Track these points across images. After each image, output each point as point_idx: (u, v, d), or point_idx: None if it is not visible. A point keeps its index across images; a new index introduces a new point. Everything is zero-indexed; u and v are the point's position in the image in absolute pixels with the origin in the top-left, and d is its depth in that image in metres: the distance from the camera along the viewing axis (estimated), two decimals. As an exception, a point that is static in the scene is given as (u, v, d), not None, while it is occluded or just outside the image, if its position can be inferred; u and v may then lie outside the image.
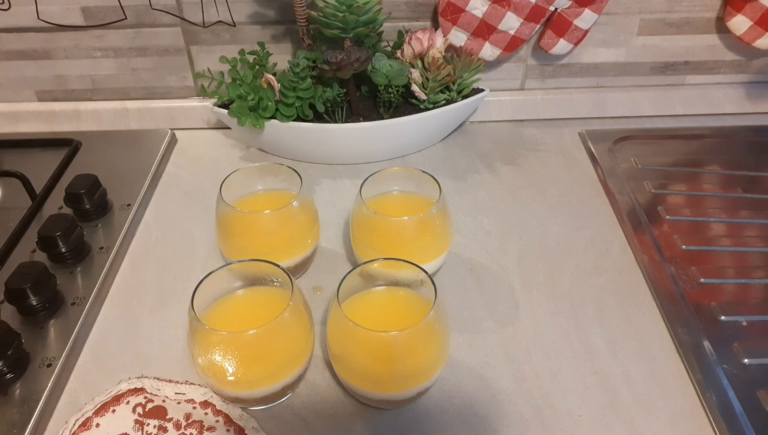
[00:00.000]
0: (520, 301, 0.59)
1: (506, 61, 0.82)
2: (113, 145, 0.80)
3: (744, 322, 0.56)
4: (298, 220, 0.58)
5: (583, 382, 0.52)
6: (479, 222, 0.68)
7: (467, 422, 0.49)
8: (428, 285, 0.47)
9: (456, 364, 0.53)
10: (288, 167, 0.60)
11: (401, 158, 0.79)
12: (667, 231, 0.66)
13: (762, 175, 0.75)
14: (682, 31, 0.80)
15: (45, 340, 0.54)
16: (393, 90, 0.71)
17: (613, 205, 0.70)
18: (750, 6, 0.74)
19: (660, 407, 0.50)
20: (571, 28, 0.75)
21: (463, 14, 0.74)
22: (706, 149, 0.81)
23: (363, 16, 0.66)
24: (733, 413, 0.48)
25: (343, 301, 0.49)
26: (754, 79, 0.85)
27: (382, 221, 0.55)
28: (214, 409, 0.49)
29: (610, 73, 0.84)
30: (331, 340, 0.48)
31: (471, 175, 0.76)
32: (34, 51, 0.80)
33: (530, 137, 0.82)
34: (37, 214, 0.68)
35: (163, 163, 0.78)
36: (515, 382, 0.52)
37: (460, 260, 0.63)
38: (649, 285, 0.60)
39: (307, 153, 0.77)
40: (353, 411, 0.50)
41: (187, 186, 0.75)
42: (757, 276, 0.62)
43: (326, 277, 0.62)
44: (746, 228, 0.68)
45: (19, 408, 0.49)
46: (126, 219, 0.67)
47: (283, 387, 0.48)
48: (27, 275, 0.55)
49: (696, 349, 0.53)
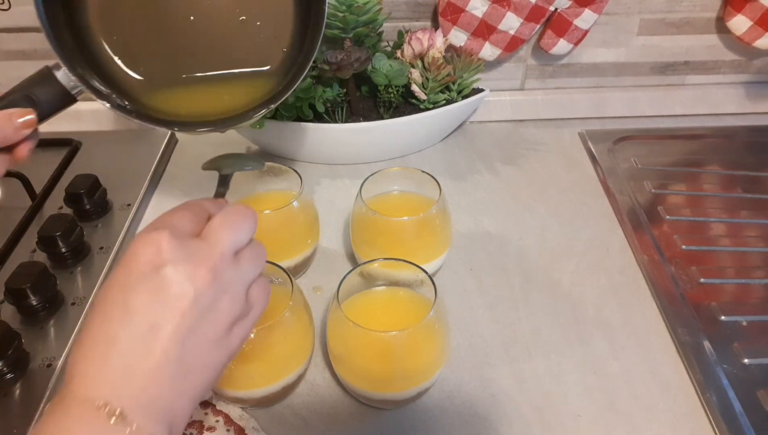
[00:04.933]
0: (520, 301, 0.59)
1: (506, 61, 0.82)
2: (113, 145, 0.80)
3: (744, 322, 0.56)
4: (298, 220, 0.58)
5: (583, 382, 0.52)
6: (479, 222, 0.68)
7: (467, 422, 0.49)
8: (428, 285, 0.47)
9: (456, 364, 0.53)
10: (288, 167, 0.60)
11: (401, 158, 0.79)
12: (667, 231, 0.66)
13: (762, 175, 0.75)
14: (682, 31, 0.80)
15: (45, 340, 0.54)
16: (393, 90, 0.71)
17: (613, 205, 0.70)
18: (750, 6, 0.74)
19: (660, 407, 0.50)
20: (571, 28, 0.75)
21: (463, 14, 0.74)
22: (706, 149, 0.81)
23: (363, 16, 0.66)
24: (733, 413, 0.48)
25: (343, 301, 0.49)
26: (754, 79, 0.85)
27: (382, 221, 0.55)
28: (214, 409, 0.49)
29: (610, 73, 0.84)
30: (331, 340, 0.48)
31: (471, 175, 0.76)
32: (34, 51, 0.80)
33: (530, 137, 0.82)
34: (37, 214, 0.68)
35: (163, 163, 0.78)
36: (515, 382, 0.52)
37: (460, 260, 0.63)
38: (649, 285, 0.60)
39: (307, 153, 0.77)
40: (353, 411, 0.50)
41: (187, 186, 0.74)
42: (757, 276, 0.62)
43: (326, 277, 0.62)
44: (746, 228, 0.68)
45: (19, 408, 0.49)
46: (126, 219, 0.67)
47: (283, 387, 0.48)
48: (27, 275, 0.55)
49: (696, 349, 0.53)
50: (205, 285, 0.32)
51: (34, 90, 0.43)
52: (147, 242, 0.32)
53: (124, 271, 0.32)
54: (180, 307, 0.31)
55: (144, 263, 0.31)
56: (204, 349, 0.32)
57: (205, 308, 0.32)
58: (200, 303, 0.31)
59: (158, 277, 0.31)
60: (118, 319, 0.30)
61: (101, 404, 0.28)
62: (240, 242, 0.35)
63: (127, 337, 0.30)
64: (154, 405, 0.30)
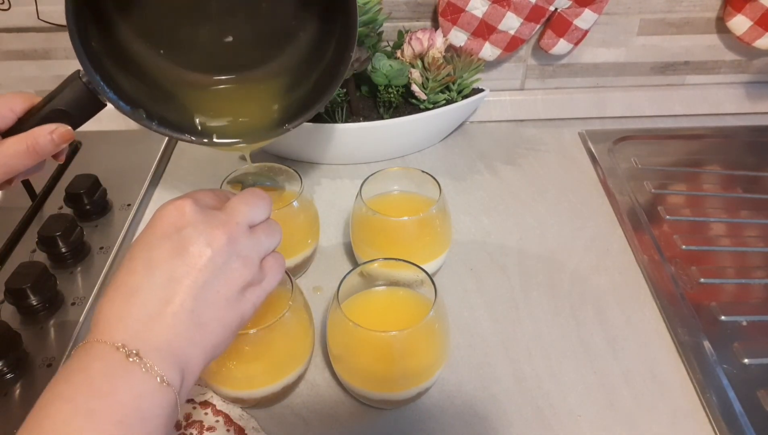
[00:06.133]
0: (520, 301, 0.59)
1: (506, 61, 0.82)
2: (113, 145, 0.80)
3: (744, 322, 0.56)
4: (298, 220, 0.58)
5: (583, 382, 0.52)
6: (479, 222, 0.68)
7: (467, 422, 0.49)
8: (428, 285, 0.47)
9: (456, 364, 0.53)
10: (288, 167, 0.60)
11: (401, 158, 0.79)
12: (667, 231, 0.66)
13: (762, 175, 0.75)
14: (682, 31, 0.80)
15: (45, 340, 0.54)
16: (393, 90, 0.71)
17: (613, 205, 0.70)
18: (750, 6, 0.74)
19: (660, 407, 0.50)
20: (571, 28, 0.75)
21: (463, 14, 0.74)
22: (706, 149, 0.81)
23: (363, 16, 0.66)
24: (733, 413, 0.48)
25: (343, 301, 0.49)
26: (754, 79, 0.85)
27: (382, 221, 0.55)
28: (214, 409, 0.49)
29: (610, 73, 0.84)
30: (331, 340, 0.48)
31: (471, 175, 0.76)
32: (34, 51, 0.80)
33: (530, 137, 0.82)
34: (37, 214, 0.68)
35: (163, 163, 0.78)
36: (515, 382, 0.52)
37: (460, 260, 0.63)
38: (649, 285, 0.60)
39: (307, 153, 0.77)
40: (353, 411, 0.50)
41: (187, 186, 0.74)
42: (757, 276, 0.62)
43: (326, 277, 0.62)
44: (746, 228, 0.68)
45: (19, 408, 0.49)
46: (126, 219, 0.68)
47: (283, 387, 0.48)
48: (27, 275, 0.56)
49: (696, 349, 0.53)
50: (221, 246, 0.35)
51: (65, 100, 0.44)
52: (173, 207, 0.36)
53: (151, 230, 0.36)
54: (197, 264, 0.34)
55: (168, 225, 0.35)
56: (217, 305, 0.35)
57: (219, 267, 0.35)
58: (215, 262, 0.35)
59: (179, 236, 0.35)
60: (141, 272, 0.34)
61: (120, 345, 0.31)
62: (255, 217, 0.38)
63: (147, 288, 0.33)
64: (168, 349, 0.33)
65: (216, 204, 0.38)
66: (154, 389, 0.31)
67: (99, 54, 0.45)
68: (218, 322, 0.35)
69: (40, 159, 0.43)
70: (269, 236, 0.39)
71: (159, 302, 0.33)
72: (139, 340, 0.32)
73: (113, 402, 0.30)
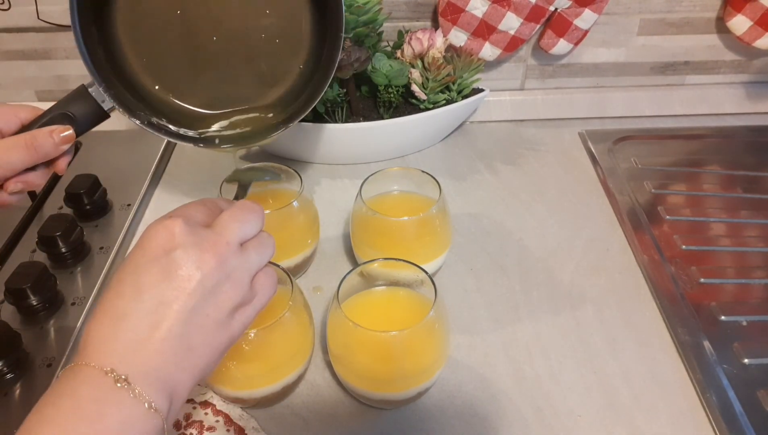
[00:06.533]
0: (520, 301, 0.59)
1: (506, 61, 0.82)
2: (113, 145, 0.80)
3: (744, 322, 0.56)
4: (298, 220, 0.58)
5: (583, 382, 0.52)
6: (479, 222, 0.68)
7: (467, 422, 0.49)
8: (428, 285, 0.47)
9: (456, 364, 0.53)
10: (288, 167, 0.60)
11: (401, 158, 0.79)
12: (667, 231, 0.66)
13: (762, 175, 0.75)
14: (682, 31, 0.80)
15: (45, 340, 0.54)
16: (393, 90, 0.71)
17: (613, 205, 0.70)
18: (750, 6, 0.74)
19: (660, 407, 0.50)
20: (571, 28, 0.75)
21: (463, 14, 0.74)
22: (706, 149, 0.81)
23: (363, 16, 0.66)
24: (733, 413, 0.48)
25: (343, 301, 0.49)
26: (754, 79, 0.85)
27: (382, 221, 0.55)
28: (214, 409, 0.49)
29: (610, 73, 0.84)
30: (331, 340, 0.48)
31: (471, 175, 0.76)
32: (34, 51, 0.80)
33: (530, 137, 0.82)
34: (37, 214, 0.68)
35: (163, 163, 0.78)
36: (515, 382, 0.52)
37: (460, 260, 0.63)
38: (649, 285, 0.60)
39: (307, 153, 0.77)
40: (353, 411, 0.50)
41: (187, 186, 0.74)
42: (757, 276, 0.62)
43: (326, 277, 0.62)
44: (746, 228, 0.68)
45: (19, 408, 0.49)
46: (126, 219, 0.67)
47: (283, 387, 0.48)
48: (27, 275, 0.55)
49: (696, 349, 0.53)
50: (211, 269, 0.34)
51: (70, 107, 0.45)
52: (162, 227, 0.35)
53: (140, 252, 0.35)
54: (186, 288, 0.34)
55: (157, 246, 0.34)
56: (206, 329, 0.34)
57: (209, 291, 0.34)
58: (205, 285, 0.34)
59: (168, 259, 0.34)
60: (129, 295, 0.33)
61: (108, 370, 0.31)
62: (246, 234, 0.38)
63: (136, 312, 0.33)
64: (157, 375, 0.32)
65: (206, 220, 0.37)
66: (143, 415, 0.31)
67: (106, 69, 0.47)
68: (207, 346, 0.34)
69: (39, 157, 0.43)
70: (260, 253, 0.38)
71: (148, 327, 0.32)
72: (128, 365, 0.32)
73: (101, 428, 0.30)
